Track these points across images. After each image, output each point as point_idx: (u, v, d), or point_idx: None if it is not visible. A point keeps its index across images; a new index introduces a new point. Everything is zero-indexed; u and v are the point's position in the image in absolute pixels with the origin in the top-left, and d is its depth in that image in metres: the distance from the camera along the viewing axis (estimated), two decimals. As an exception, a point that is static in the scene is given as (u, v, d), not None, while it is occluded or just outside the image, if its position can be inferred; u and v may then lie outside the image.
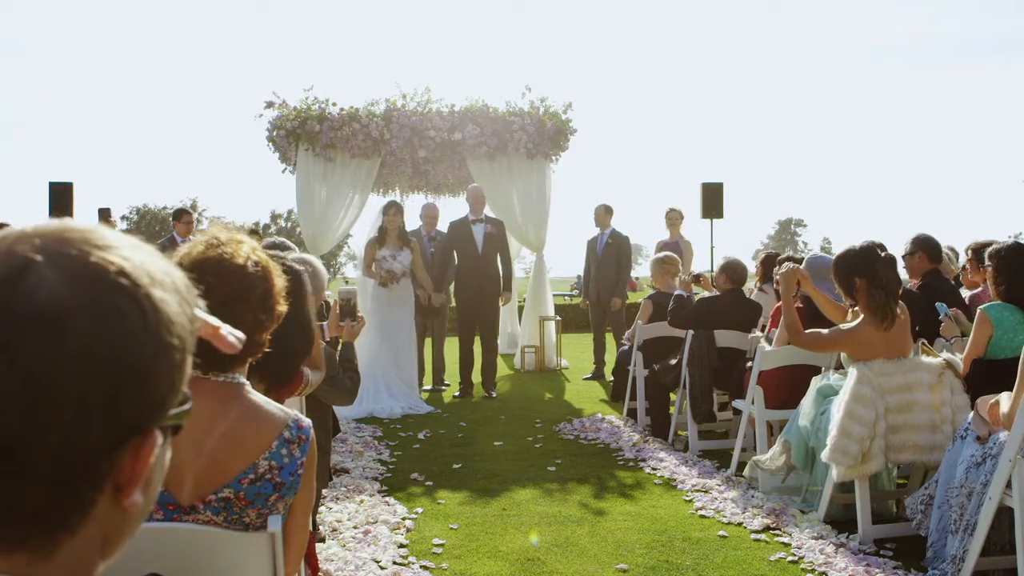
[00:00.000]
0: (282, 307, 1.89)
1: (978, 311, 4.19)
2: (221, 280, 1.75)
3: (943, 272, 5.62)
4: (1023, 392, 3.26)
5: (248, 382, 1.86)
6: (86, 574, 0.69)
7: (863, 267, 4.17)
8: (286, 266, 2.04)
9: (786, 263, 4.99)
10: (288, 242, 5.65)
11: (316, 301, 3.67)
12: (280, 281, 1.90)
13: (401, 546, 4.04)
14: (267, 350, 1.86)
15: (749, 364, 5.44)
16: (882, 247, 4.37)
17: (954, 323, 4.63)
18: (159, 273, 0.69)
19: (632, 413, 7.07)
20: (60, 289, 0.63)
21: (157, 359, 0.66)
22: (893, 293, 4.16)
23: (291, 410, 1.86)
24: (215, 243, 1.81)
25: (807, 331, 4.49)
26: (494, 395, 8.50)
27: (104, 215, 8.72)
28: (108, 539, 0.70)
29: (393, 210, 8.07)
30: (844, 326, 4.29)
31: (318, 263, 3.76)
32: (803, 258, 5.66)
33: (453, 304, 9.16)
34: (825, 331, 4.36)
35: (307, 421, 1.85)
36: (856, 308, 4.28)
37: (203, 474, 1.75)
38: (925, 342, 4.33)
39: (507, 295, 8.88)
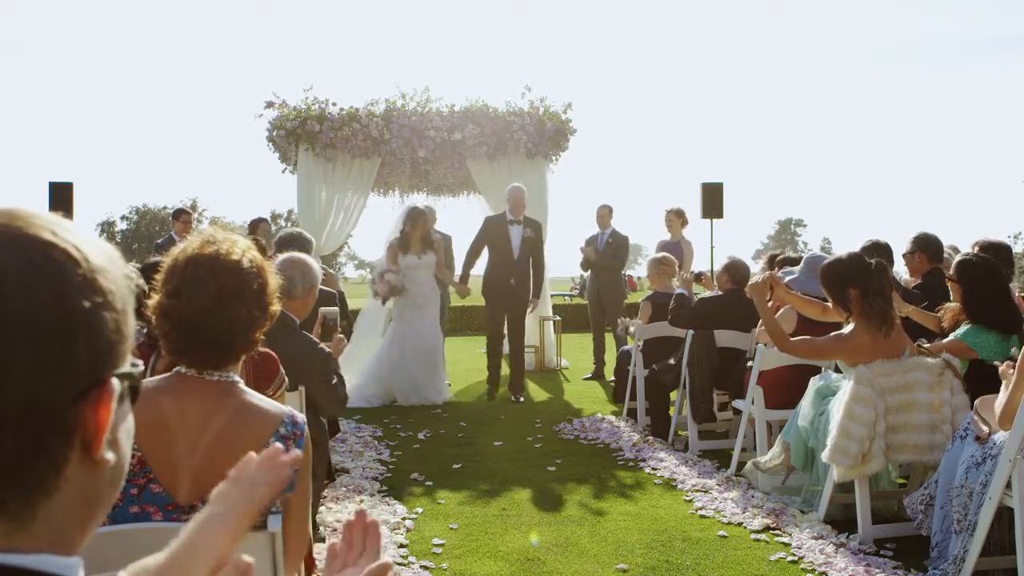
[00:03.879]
0: (275, 307, 1.89)
1: (953, 339, 4.20)
2: (216, 275, 1.77)
3: (944, 271, 5.60)
4: (1021, 391, 3.26)
5: (241, 380, 1.87)
6: (66, 547, 0.70)
7: (856, 277, 4.14)
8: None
9: (754, 277, 4.99)
10: (305, 233, 5.65)
11: (310, 297, 3.72)
12: (274, 280, 1.91)
13: (401, 546, 4.03)
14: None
15: (749, 364, 5.43)
16: (877, 247, 4.33)
17: None
18: (88, 238, 0.73)
19: (632, 413, 7.06)
20: None
21: (100, 304, 0.69)
22: (889, 299, 4.14)
23: (285, 407, 1.87)
24: (211, 240, 1.83)
25: (795, 338, 4.47)
26: (522, 400, 8.19)
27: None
28: (87, 502, 0.71)
29: (415, 216, 8.04)
30: (838, 334, 4.24)
31: (312, 262, 3.77)
32: (800, 257, 5.66)
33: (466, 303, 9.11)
34: (818, 339, 4.32)
35: (301, 417, 1.86)
36: (850, 317, 4.23)
37: (201, 473, 1.75)
38: (921, 344, 4.32)
39: (535, 302, 8.54)
